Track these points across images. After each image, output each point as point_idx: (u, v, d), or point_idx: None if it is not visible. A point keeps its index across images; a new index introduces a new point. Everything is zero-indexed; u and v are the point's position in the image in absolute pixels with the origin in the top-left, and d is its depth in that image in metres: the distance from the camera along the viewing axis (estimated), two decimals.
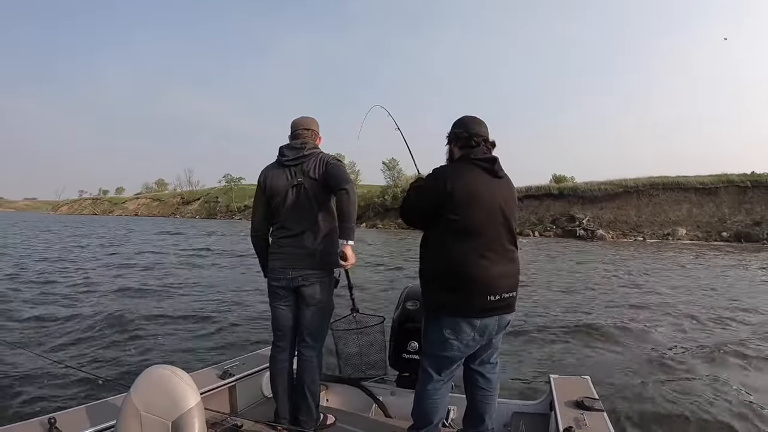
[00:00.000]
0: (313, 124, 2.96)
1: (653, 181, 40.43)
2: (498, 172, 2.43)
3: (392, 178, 58.36)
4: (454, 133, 2.51)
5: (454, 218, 2.30)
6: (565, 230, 38.96)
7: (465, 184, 2.33)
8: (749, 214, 35.86)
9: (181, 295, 9.51)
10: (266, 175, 2.87)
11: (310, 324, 2.86)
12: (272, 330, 2.96)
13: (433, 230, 2.42)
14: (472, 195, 2.32)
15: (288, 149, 2.85)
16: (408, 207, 2.50)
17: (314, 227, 2.79)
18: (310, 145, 2.85)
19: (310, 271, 2.78)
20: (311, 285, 2.79)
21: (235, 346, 5.96)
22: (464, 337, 2.36)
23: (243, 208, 77.18)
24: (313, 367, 2.90)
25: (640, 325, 7.84)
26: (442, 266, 2.34)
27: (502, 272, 2.35)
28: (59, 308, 7.88)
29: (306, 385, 2.86)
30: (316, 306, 2.84)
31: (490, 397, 2.62)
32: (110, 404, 2.38)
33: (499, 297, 2.34)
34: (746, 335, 7.24)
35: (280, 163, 2.85)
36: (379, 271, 13.97)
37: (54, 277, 11.68)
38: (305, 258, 2.77)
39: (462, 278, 2.29)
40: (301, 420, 2.84)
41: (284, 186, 2.80)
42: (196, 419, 1.96)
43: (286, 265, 2.79)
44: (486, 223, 2.33)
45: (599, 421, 2.48)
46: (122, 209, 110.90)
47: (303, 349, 2.91)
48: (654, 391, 4.93)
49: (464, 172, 2.37)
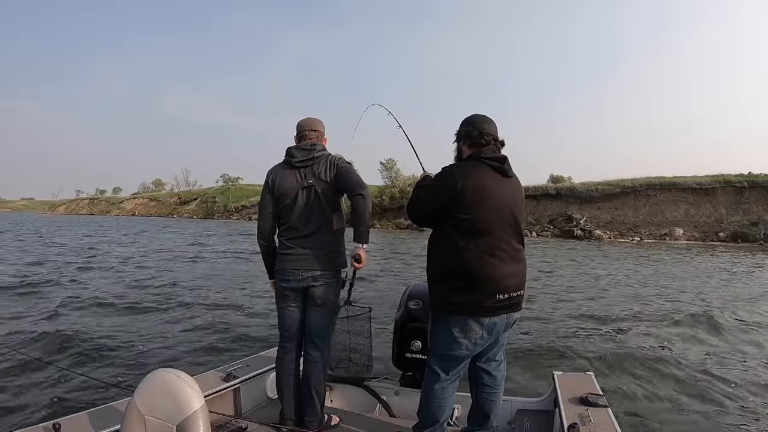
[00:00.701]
0: (319, 125, 2.97)
1: (650, 182, 40.48)
2: (508, 172, 2.44)
3: (390, 178, 58.32)
4: (464, 131, 2.50)
5: (464, 218, 2.30)
6: (562, 230, 38.99)
7: (476, 183, 2.32)
8: (746, 214, 35.97)
9: (184, 298, 9.46)
10: (275, 176, 2.87)
11: (318, 324, 2.88)
12: (279, 331, 2.96)
13: (442, 229, 2.41)
14: (482, 194, 2.32)
15: (297, 151, 2.86)
16: (417, 205, 2.49)
17: (324, 228, 2.81)
18: (320, 147, 2.87)
19: (320, 271, 2.79)
20: (320, 286, 2.80)
21: (239, 348, 5.95)
22: (473, 335, 2.36)
23: (240, 208, 77.11)
24: (320, 367, 2.91)
25: (642, 321, 7.91)
26: (453, 265, 2.33)
27: (510, 271, 2.36)
28: (61, 312, 7.84)
29: (312, 386, 2.87)
30: (325, 306, 2.86)
31: (495, 395, 2.63)
32: (114, 408, 2.37)
33: (507, 296, 2.34)
34: (755, 336, 7.30)
35: (290, 165, 2.85)
36: (377, 271, 13.96)
37: (53, 277, 11.62)
38: (315, 259, 2.79)
39: (472, 278, 2.29)
40: (307, 421, 2.85)
41: (294, 187, 2.81)
42: (201, 422, 1.96)
43: (297, 266, 2.79)
44: (496, 223, 2.34)
45: (604, 416, 2.48)
46: (119, 209, 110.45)
47: (310, 350, 2.91)
48: (658, 386, 4.98)
49: (475, 171, 2.37)
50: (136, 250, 20.64)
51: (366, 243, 2.69)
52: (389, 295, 10.00)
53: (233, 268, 14.69)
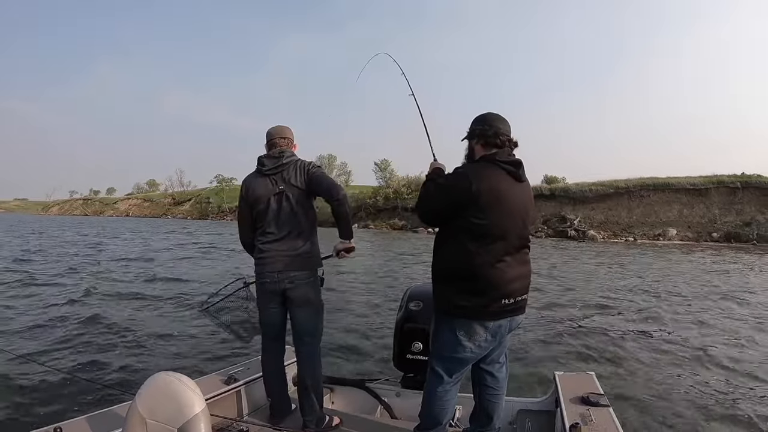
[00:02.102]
0: (288, 133, 3.09)
1: (644, 182, 40.65)
2: (522, 176, 2.42)
3: (384, 179, 58.44)
4: (478, 130, 2.45)
5: (478, 222, 2.27)
6: (556, 231, 39.09)
7: (491, 187, 2.29)
8: (739, 214, 36.19)
9: (184, 300, 9.41)
10: (248, 185, 3.02)
11: (304, 323, 2.94)
12: (262, 331, 3.06)
13: (451, 230, 2.37)
14: (497, 199, 2.29)
15: (267, 159, 2.99)
16: (427, 203, 2.44)
17: (297, 231, 2.92)
18: (288, 153, 3.00)
19: (294, 272, 2.88)
20: (297, 287, 2.89)
21: (240, 351, 5.90)
22: (477, 339, 2.35)
23: (234, 208, 76.54)
24: (314, 365, 2.97)
25: (643, 320, 7.97)
26: (462, 269, 2.31)
27: (517, 275, 2.35)
28: (62, 315, 7.76)
29: (309, 384, 2.91)
30: (307, 306, 2.93)
31: (498, 396, 2.63)
32: (115, 412, 2.37)
33: (513, 300, 2.34)
34: (753, 333, 7.36)
35: (261, 173, 2.98)
36: (372, 272, 13.97)
37: (56, 280, 11.53)
38: (290, 260, 2.89)
39: (480, 282, 2.28)
40: (306, 420, 2.88)
41: (266, 194, 2.92)
42: (202, 425, 1.96)
43: (273, 268, 2.89)
44: (508, 228, 2.32)
45: (605, 416, 2.49)
46: (113, 210, 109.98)
47: (302, 348, 2.97)
48: (660, 385, 5.01)
49: (491, 174, 2.33)
50: (140, 250, 20.57)
51: (352, 237, 2.95)
52: (385, 294, 10.02)
53: (229, 270, 14.58)
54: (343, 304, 8.86)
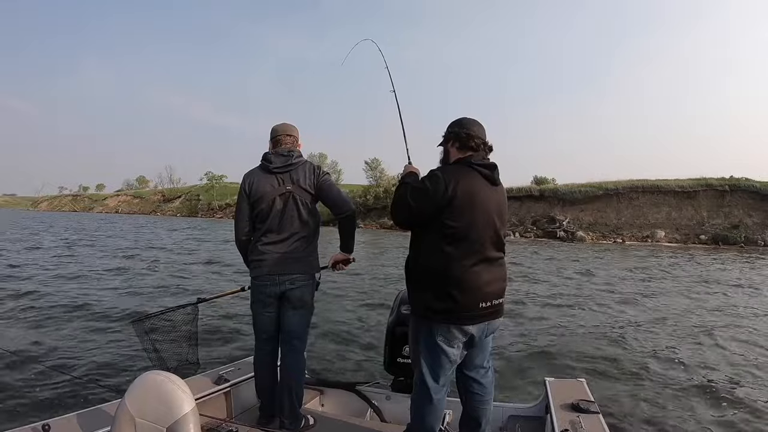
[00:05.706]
0: (294, 131, 3.00)
1: (633, 184, 40.85)
2: (496, 180, 2.43)
3: (374, 178, 58.35)
4: (453, 132, 2.47)
5: (452, 224, 2.28)
6: (545, 231, 39.23)
7: (466, 191, 2.30)
8: (727, 217, 36.47)
9: (179, 299, 9.33)
10: (251, 181, 2.90)
11: (296, 326, 2.91)
12: (256, 334, 3.00)
13: (426, 234, 2.37)
14: (472, 203, 2.30)
15: (275, 156, 2.88)
16: (401, 208, 2.41)
17: (300, 233, 2.86)
18: (297, 153, 2.91)
19: (296, 275, 2.84)
20: (297, 288, 2.85)
21: (230, 351, 5.89)
22: (456, 342, 2.36)
23: (224, 206, 76.32)
24: (300, 368, 2.95)
25: (633, 326, 7.95)
26: (437, 273, 2.31)
27: (492, 279, 2.36)
28: (52, 312, 7.71)
29: (291, 387, 2.89)
30: (302, 309, 2.90)
31: (485, 402, 2.62)
32: (104, 410, 2.37)
33: (490, 303, 2.35)
34: (745, 337, 7.42)
35: (267, 170, 2.88)
36: (363, 272, 13.94)
37: (41, 276, 11.47)
38: (292, 262, 2.84)
39: (456, 285, 2.28)
40: (285, 421, 2.87)
41: (271, 193, 2.84)
42: (192, 425, 1.95)
43: (274, 271, 2.83)
44: (482, 231, 2.33)
45: (595, 423, 2.50)
46: (102, 206, 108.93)
47: (289, 352, 2.94)
48: (650, 392, 5.01)
49: (465, 177, 2.34)
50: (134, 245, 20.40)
51: (352, 251, 3.01)
52: (376, 296, 10.02)
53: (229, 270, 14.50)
54: (333, 306, 8.84)
